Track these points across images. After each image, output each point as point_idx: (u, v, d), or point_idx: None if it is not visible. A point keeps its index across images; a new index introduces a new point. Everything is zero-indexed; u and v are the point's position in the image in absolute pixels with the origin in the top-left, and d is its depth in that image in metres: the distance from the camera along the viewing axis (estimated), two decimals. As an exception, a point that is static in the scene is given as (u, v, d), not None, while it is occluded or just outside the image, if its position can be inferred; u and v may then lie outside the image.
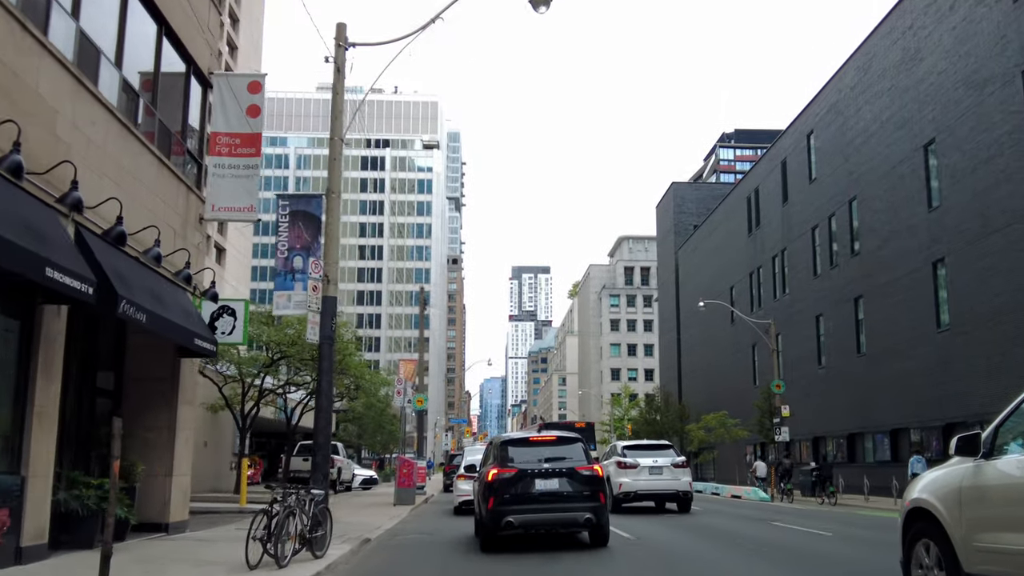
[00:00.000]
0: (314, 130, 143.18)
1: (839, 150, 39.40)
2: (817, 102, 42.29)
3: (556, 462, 12.31)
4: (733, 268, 54.67)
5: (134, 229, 11.95)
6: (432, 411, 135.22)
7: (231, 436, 31.15)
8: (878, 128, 35.57)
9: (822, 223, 41.23)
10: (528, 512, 11.92)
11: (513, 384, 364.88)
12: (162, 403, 14.27)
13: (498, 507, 11.89)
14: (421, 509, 25.20)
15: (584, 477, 12.16)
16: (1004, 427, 5.73)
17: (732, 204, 55.96)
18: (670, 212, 73.67)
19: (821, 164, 41.52)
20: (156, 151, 13.39)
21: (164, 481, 14.07)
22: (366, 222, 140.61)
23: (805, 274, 43.10)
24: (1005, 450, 5.64)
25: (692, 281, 65.79)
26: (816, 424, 40.84)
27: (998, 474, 5.55)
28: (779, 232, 46.83)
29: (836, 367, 39.33)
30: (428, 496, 30.21)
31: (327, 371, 13.20)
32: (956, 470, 6.04)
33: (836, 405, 38.95)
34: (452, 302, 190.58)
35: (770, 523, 18.64)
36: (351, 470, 34.30)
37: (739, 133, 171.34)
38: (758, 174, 50.95)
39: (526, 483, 12.03)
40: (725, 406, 50.49)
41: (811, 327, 42.24)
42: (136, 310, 10.97)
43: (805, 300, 42.95)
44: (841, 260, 39.04)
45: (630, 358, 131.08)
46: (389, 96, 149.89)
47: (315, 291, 13.15)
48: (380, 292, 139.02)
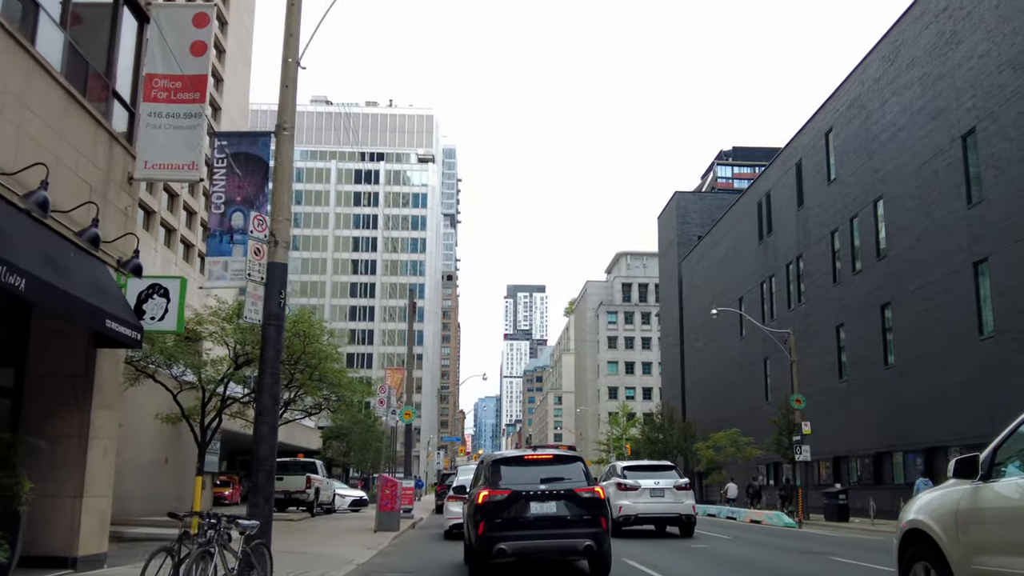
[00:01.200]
0: (307, 143, 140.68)
1: (862, 147, 36.67)
2: (837, 98, 39.62)
3: (553, 483, 11.29)
4: (742, 278, 51.81)
5: (19, 167, 9.03)
6: (425, 429, 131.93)
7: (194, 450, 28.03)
8: (908, 120, 32.86)
9: (843, 226, 38.42)
10: (522, 538, 10.91)
11: (508, 403, 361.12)
12: (72, 406, 11.27)
13: (489, 533, 10.89)
14: (407, 536, 22.16)
15: (584, 500, 11.14)
16: (1002, 449, 5.76)
17: (741, 210, 53.19)
18: (673, 222, 70.92)
19: (841, 163, 38.77)
20: (63, 80, 10.47)
21: (72, 504, 11.05)
22: (359, 236, 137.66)
23: (824, 281, 40.24)
24: (1003, 472, 5.66)
25: (697, 293, 62.91)
26: (837, 442, 37.82)
27: (996, 496, 5.58)
28: (794, 238, 44.02)
29: (860, 380, 36.39)
30: (416, 520, 27.13)
31: (272, 362, 10.24)
32: (954, 491, 6.02)
33: (860, 421, 35.98)
34: (446, 319, 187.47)
35: (827, 557, 15.61)
36: (331, 490, 31.14)
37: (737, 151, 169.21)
38: (770, 178, 48.22)
39: (520, 506, 11.01)
40: (733, 424, 47.48)
41: (831, 338, 39.33)
42: (8, 272, 8.03)
43: (824, 309, 40.07)
44: (865, 265, 36.19)
45: (628, 376, 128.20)
46: (384, 109, 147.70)
47: (258, 255, 10.16)
48: (373, 307, 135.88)
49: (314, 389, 23.56)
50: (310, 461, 29.58)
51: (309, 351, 21.43)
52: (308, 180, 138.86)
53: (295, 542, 18.25)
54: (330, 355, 22.89)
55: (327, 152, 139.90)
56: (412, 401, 30.10)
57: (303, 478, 26.87)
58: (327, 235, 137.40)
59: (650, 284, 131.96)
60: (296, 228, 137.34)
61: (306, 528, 22.66)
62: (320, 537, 19.84)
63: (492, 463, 11.98)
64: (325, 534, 20.75)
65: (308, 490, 26.71)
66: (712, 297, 58.46)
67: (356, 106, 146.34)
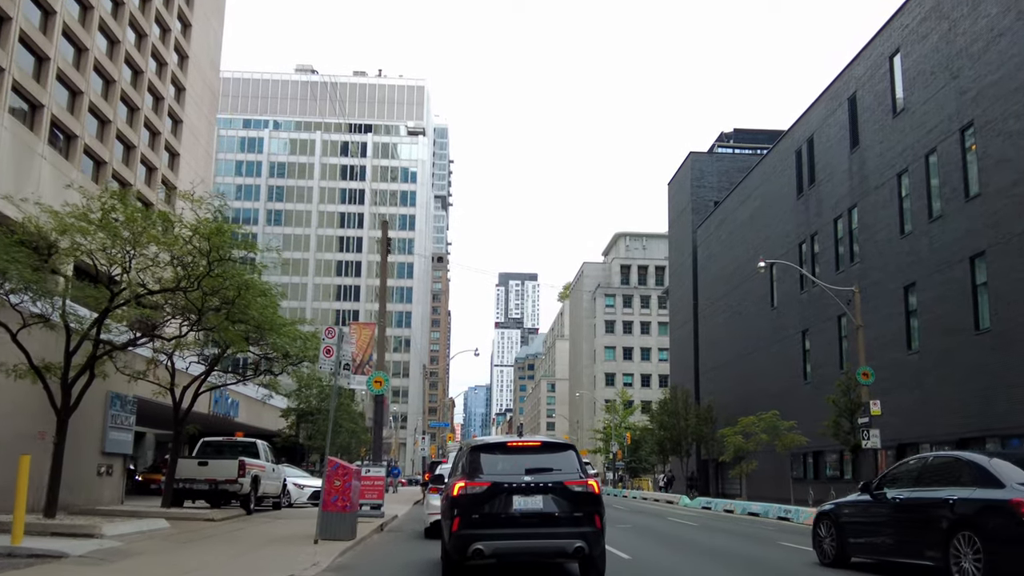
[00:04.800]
0: (291, 113, 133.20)
1: (943, 65, 29.92)
2: (905, 13, 32.83)
3: (541, 474, 9.87)
4: (775, 240, 45.04)
5: None
6: (412, 415, 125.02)
7: (98, 425, 21.12)
8: (1011, 23, 26.13)
9: (915, 164, 31.67)
10: (503, 538, 9.52)
11: (498, 392, 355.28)
12: None
13: (464, 531, 9.52)
14: (368, 545, 15.38)
15: (576, 495, 9.71)
16: None
17: (774, 163, 46.38)
18: (687, 187, 64.11)
19: (913, 89, 32.00)
20: None
21: None
22: (345, 212, 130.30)
23: (887, 234, 33.50)
24: None
25: (715, 263, 56.16)
26: (904, 427, 31.15)
27: None
28: (845, 186, 37.25)
29: (937, 350, 29.73)
30: (386, 520, 20.34)
31: None
32: None
33: (937, 400, 29.36)
34: (437, 302, 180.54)
35: None
36: (281, 479, 24.21)
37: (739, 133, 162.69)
38: (812, 120, 41.35)
39: (502, 500, 9.60)
40: (760, 407, 40.91)
41: (896, 301, 32.63)
42: None
43: (887, 268, 33.34)
44: (948, 209, 29.46)
45: (626, 362, 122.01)
46: (372, 79, 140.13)
47: None
48: (359, 287, 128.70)
49: (237, 338, 16.62)
50: (250, 441, 22.66)
51: (221, 274, 14.59)
52: (292, 152, 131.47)
53: (183, 559, 11.57)
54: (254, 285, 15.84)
55: (311, 123, 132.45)
56: (385, 366, 23.26)
57: (234, 463, 19.97)
58: (311, 210, 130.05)
59: (650, 266, 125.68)
60: (279, 202, 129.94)
61: (223, 534, 15.85)
62: (230, 551, 13.06)
63: (471, 450, 10.51)
64: (242, 545, 13.95)
65: (241, 479, 19.82)
66: (734, 265, 51.78)
67: (343, 76, 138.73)
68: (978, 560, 9.48)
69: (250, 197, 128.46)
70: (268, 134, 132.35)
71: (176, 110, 58.94)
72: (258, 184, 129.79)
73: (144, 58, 53.35)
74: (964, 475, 10.50)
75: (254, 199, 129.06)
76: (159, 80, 55.99)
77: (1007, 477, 9.84)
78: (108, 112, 47.86)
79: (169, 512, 18.79)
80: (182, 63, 60.85)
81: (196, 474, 20.08)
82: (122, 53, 50.28)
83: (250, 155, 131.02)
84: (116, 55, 49.80)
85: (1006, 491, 9.57)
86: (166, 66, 56.97)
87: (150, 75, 54.30)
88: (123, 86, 50.22)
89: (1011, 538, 9.22)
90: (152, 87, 54.80)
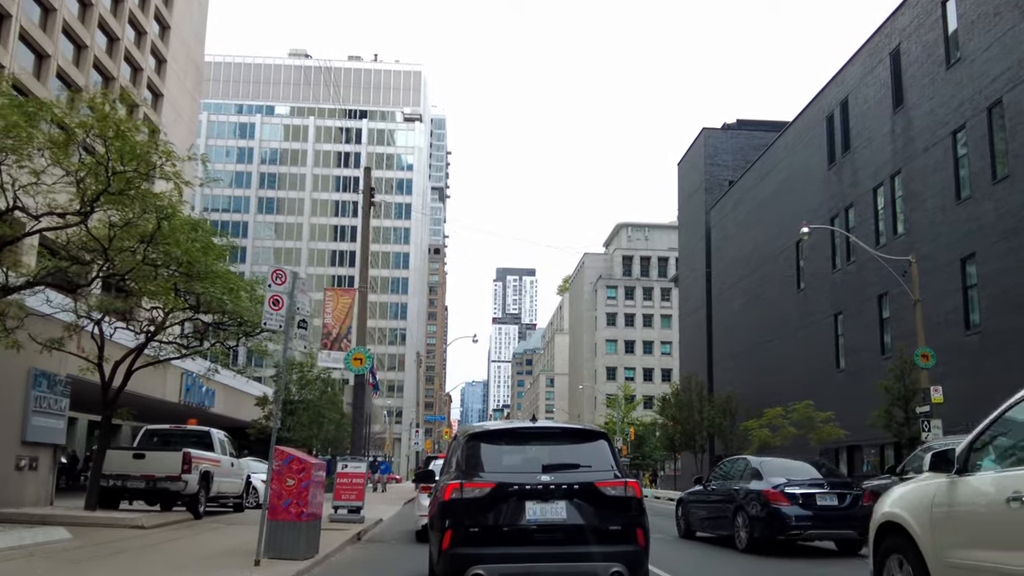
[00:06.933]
0: (284, 99, 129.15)
1: (1009, 4, 26.15)
2: (961, -50, 29.04)
3: (563, 472, 7.30)
4: (802, 216, 41.03)
5: None
6: (407, 409, 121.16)
7: (17, 409, 17.30)
8: (1103, -55, 22.38)
9: (974, 120, 27.87)
10: (512, 559, 6.94)
11: (495, 388, 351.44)
12: None
13: (459, 549, 6.98)
14: (334, 563, 11.57)
15: (611, 500, 7.24)
16: (978, 443, 5.69)
17: (800, 132, 42.53)
18: (700, 165, 60.30)
19: (970, 35, 28.20)
20: None
21: None
22: (340, 200, 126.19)
23: (939, 201, 29.70)
24: (979, 467, 5.62)
25: (732, 245, 52.35)
26: (962, 415, 27.36)
27: (971, 491, 5.53)
28: (887, 151, 33.44)
29: (1002, 331, 25.96)
30: (366, 526, 16.55)
31: None
32: (929, 485, 5.98)
33: (1000, 385, 25.52)
34: (433, 295, 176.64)
35: None
36: (242, 476, 20.33)
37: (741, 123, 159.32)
38: (847, 80, 37.50)
39: (510, 508, 7.12)
40: (783, 398, 37.23)
41: (951, 276, 28.85)
42: None
43: (940, 238, 29.55)
44: (1016, 169, 25.68)
45: (628, 356, 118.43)
46: (368, 64, 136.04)
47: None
48: (354, 278, 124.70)
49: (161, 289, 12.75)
50: (203, 430, 18.77)
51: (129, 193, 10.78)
52: (285, 138, 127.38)
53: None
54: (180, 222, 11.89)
55: (305, 108, 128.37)
56: (366, 341, 19.45)
57: (177, 456, 16.13)
58: (304, 198, 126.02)
59: (652, 257, 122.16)
60: (270, 190, 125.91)
61: (139, 548, 12.04)
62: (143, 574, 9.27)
63: (469, 439, 7.73)
64: (153, 568, 10.13)
65: (185, 476, 15.97)
66: (752, 246, 48.03)
67: (338, 61, 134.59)
68: (748, 530, 13.62)
69: (242, 184, 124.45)
70: (261, 120, 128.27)
71: (156, 83, 55.03)
72: (250, 171, 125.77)
73: (121, 25, 49.51)
74: (747, 472, 14.57)
75: (245, 186, 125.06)
76: (137, 50, 52.12)
77: (768, 474, 13.96)
78: (80, 80, 44.02)
79: (91, 517, 14.99)
80: (163, 33, 56.97)
81: (130, 469, 16.23)
82: (95, 17, 46.47)
83: (242, 141, 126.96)
84: (89, 19, 46.01)
85: (763, 483, 13.64)
86: (145, 35, 53.10)
87: (127, 43, 50.46)
88: (96, 52, 46.41)
89: (762, 516, 13.32)
90: (129, 56, 50.98)
